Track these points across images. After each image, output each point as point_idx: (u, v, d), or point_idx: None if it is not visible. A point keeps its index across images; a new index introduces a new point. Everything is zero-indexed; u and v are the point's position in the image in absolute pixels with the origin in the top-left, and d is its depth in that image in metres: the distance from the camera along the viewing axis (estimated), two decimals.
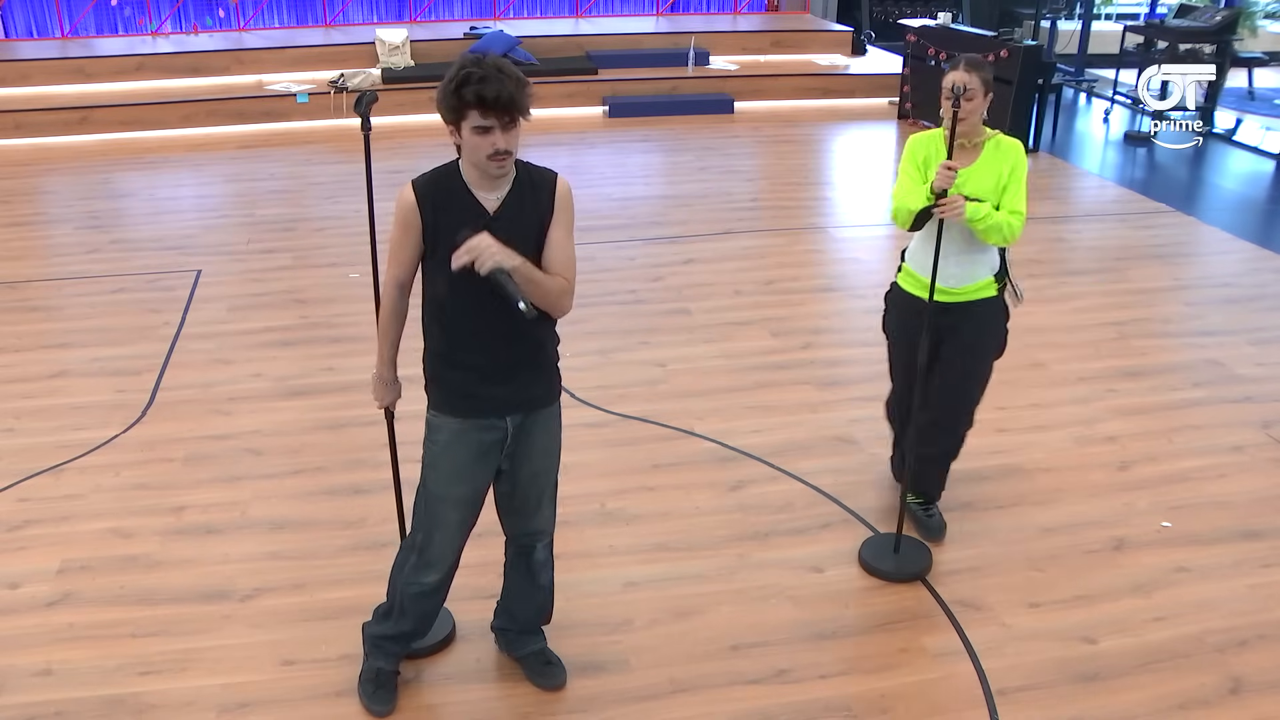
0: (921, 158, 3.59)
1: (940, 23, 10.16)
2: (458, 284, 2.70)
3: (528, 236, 2.78)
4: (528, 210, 2.79)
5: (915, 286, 3.72)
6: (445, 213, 2.73)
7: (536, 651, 3.31)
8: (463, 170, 2.76)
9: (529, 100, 2.66)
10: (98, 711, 3.16)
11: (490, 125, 2.61)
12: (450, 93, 2.61)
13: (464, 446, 2.90)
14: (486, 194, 2.75)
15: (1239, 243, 7.24)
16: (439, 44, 11.03)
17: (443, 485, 2.95)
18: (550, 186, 2.84)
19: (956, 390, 3.78)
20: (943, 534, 3.97)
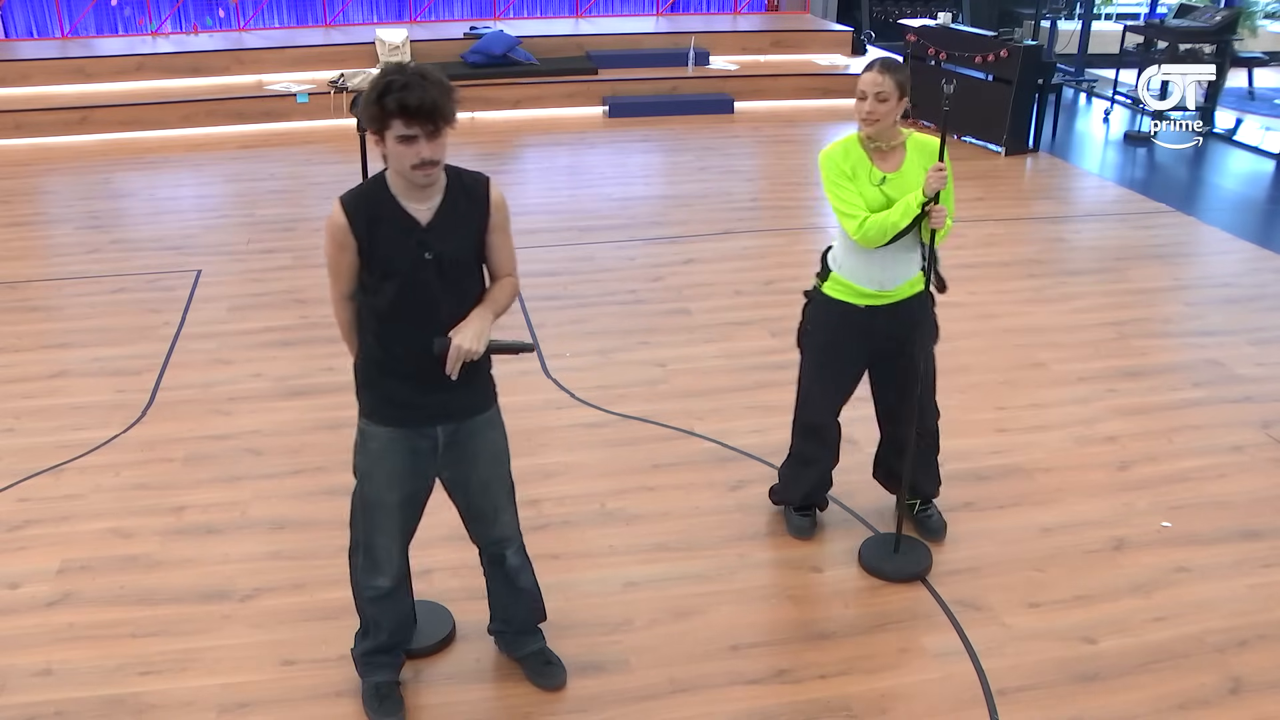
0: (849, 170, 3.46)
1: (940, 23, 10.15)
2: (396, 300, 2.71)
3: (464, 245, 2.77)
4: (462, 220, 2.76)
5: (850, 295, 3.60)
6: (377, 229, 2.68)
7: (536, 651, 3.31)
8: (390, 182, 2.71)
9: (454, 107, 2.61)
10: (98, 711, 3.16)
11: (414, 134, 2.55)
12: (372, 102, 2.54)
13: (396, 454, 2.89)
14: (417, 205, 2.71)
15: (1239, 243, 7.24)
16: (439, 44, 11.02)
17: (379, 491, 2.93)
18: (484, 193, 2.82)
19: (909, 388, 3.75)
20: (944, 533, 3.96)
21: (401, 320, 2.75)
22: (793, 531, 3.98)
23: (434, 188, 2.72)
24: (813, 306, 3.74)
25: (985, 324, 5.81)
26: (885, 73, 3.38)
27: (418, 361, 2.77)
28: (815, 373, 3.78)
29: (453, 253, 2.73)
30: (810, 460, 3.89)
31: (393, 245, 2.68)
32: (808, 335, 3.78)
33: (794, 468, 3.96)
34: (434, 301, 2.73)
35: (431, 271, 2.71)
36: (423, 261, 2.69)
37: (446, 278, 2.73)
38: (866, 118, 3.40)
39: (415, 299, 2.71)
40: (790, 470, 3.98)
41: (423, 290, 2.71)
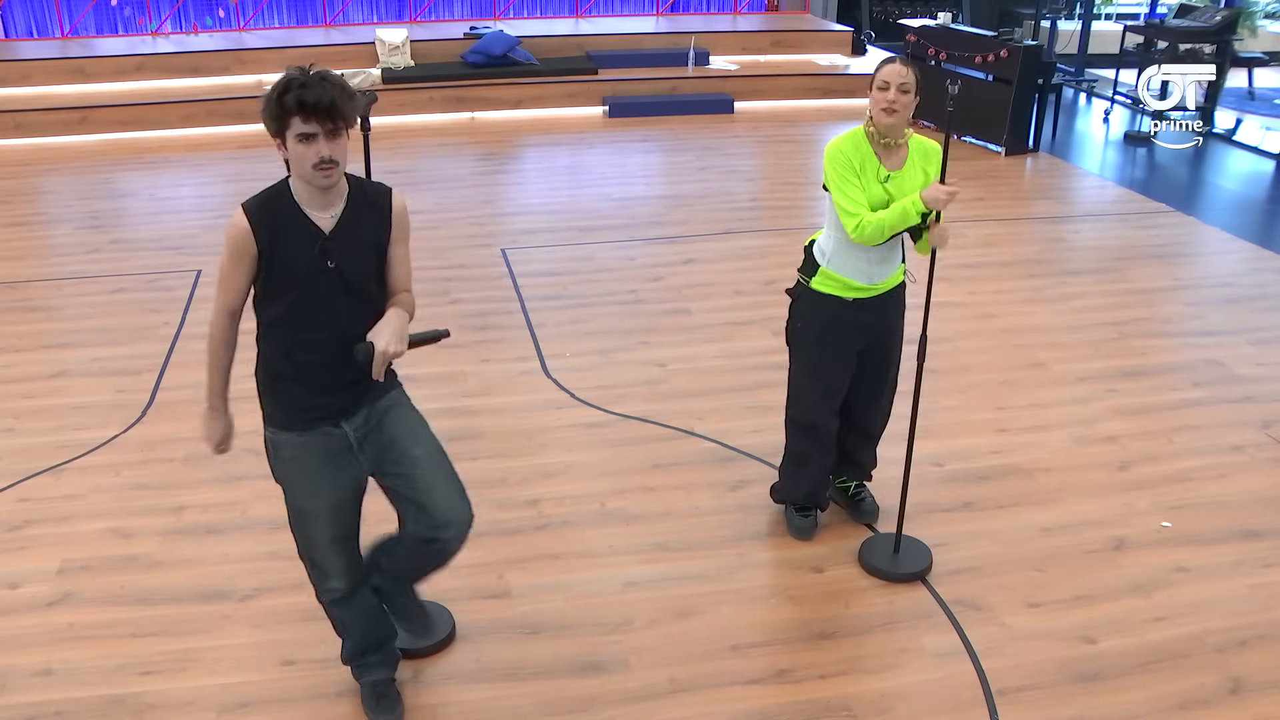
0: (857, 165, 3.47)
1: (940, 23, 10.16)
2: (297, 308, 2.71)
3: (366, 254, 2.77)
4: (364, 228, 2.76)
5: (839, 289, 3.61)
6: (280, 237, 2.67)
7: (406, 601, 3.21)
8: (293, 189, 2.70)
9: (354, 110, 2.62)
10: (98, 711, 3.16)
11: (314, 132, 2.56)
12: (273, 101, 2.56)
13: (312, 458, 2.85)
14: (320, 213, 2.70)
15: (1239, 243, 7.24)
16: (439, 44, 11.03)
17: (304, 500, 2.89)
18: (386, 204, 2.80)
19: (889, 375, 3.83)
20: (877, 515, 4.05)
21: (303, 328, 2.74)
22: (793, 532, 3.98)
23: (336, 196, 2.72)
24: (801, 303, 3.73)
25: (985, 324, 5.81)
26: (909, 65, 3.42)
27: (319, 368, 2.77)
28: (807, 369, 3.77)
29: (355, 261, 2.73)
30: (807, 460, 3.89)
31: (295, 252, 2.67)
32: (797, 332, 3.76)
33: (792, 467, 3.96)
34: (335, 309, 2.72)
35: (334, 279, 2.70)
36: (325, 269, 2.69)
37: (348, 286, 2.73)
38: (889, 108, 3.40)
39: (317, 307, 2.71)
40: (789, 470, 3.98)
41: (324, 298, 2.71)
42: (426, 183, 8.43)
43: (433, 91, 10.41)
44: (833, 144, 3.52)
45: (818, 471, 3.90)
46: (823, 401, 3.78)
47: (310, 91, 2.52)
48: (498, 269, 6.62)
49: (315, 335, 2.74)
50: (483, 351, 5.49)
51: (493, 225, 7.44)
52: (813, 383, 3.77)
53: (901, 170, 3.49)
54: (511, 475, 4.38)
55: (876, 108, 3.44)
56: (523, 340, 5.62)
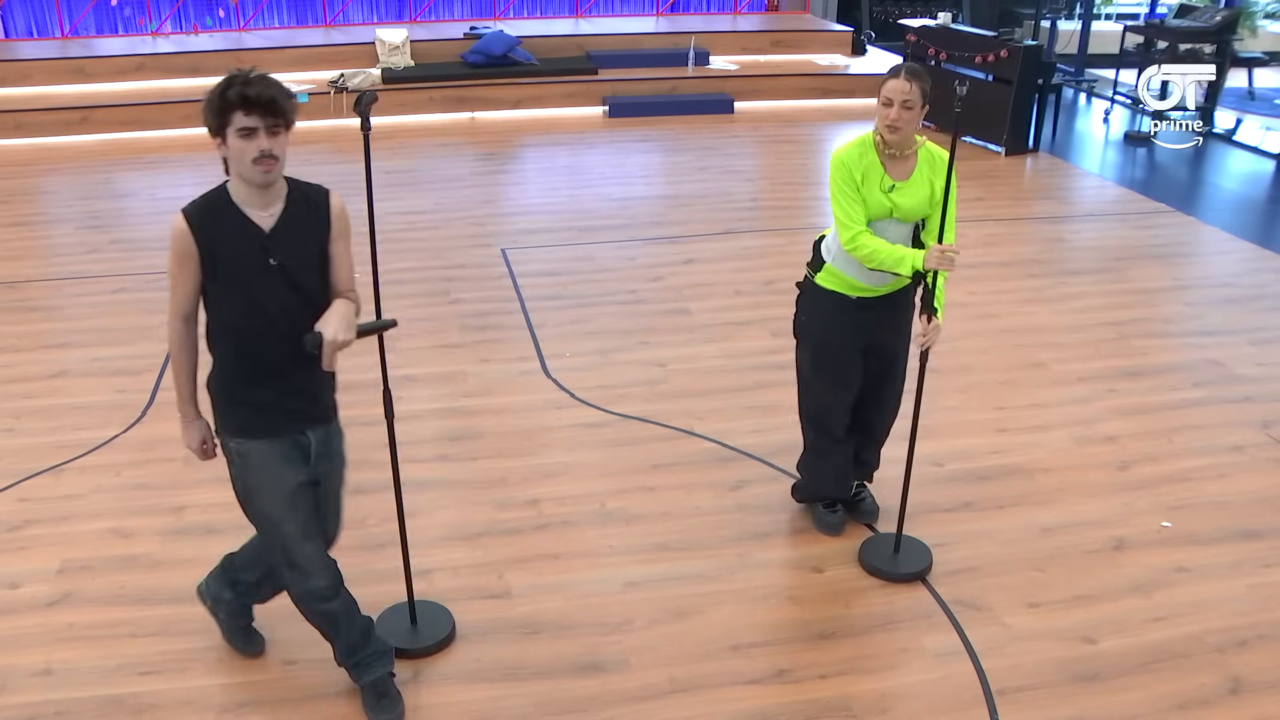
0: (859, 176, 3.44)
1: (940, 23, 10.16)
2: (244, 309, 2.75)
3: (305, 253, 2.81)
4: (303, 228, 2.80)
5: (843, 286, 3.61)
6: (220, 236, 2.72)
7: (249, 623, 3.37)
8: (232, 191, 2.75)
9: (292, 108, 2.70)
10: (98, 711, 3.16)
11: (255, 126, 2.63)
12: (216, 96, 2.64)
13: (277, 463, 2.88)
14: (259, 212, 2.75)
15: (1239, 243, 7.24)
16: (439, 44, 11.03)
17: (275, 506, 2.91)
18: (324, 204, 2.86)
19: (899, 375, 3.82)
20: (877, 515, 4.05)
21: (251, 329, 2.78)
22: (822, 529, 3.99)
23: (275, 195, 2.77)
24: (806, 296, 3.75)
25: (985, 324, 5.81)
26: (912, 80, 3.35)
27: (274, 368, 2.81)
28: (814, 363, 3.78)
29: (296, 259, 2.77)
30: (823, 452, 3.90)
31: (236, 253, 2.72)
32: (803, 325, 3.79)
33: (813, 460, 3.97)
34: (282, 308, 2.76)
35: (277, 278, 2.74)
36: (268, 268, 2.73)
37: (292, 284, 2.76)
38: (891, 125, 3.37)
39: (263, 307, 2.75)
40: (809, 464, 3.99)
41: (269, 297, 2.75)
42: (426, 183, 8.43)
43: (433, 91, 10.41)
44: (837, 152, 3.50)
45: (838, 462, 3.90)
46: (830, 392, 3.79)
47: (252, 87, 2.61)
48: (498, 269, 6.62)
49: (267, 335, 2.77)
50: (483, 351, 5.49)
51: (493, 225, 7.44)
52: (819, 374, 3.79)
53: (908, 181, 3.48)
54: (511, 475, 4.38)
55: (881, 123, 3.42)
56: (523, 340, 5.62)
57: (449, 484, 4.32)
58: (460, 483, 4.33)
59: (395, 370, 3.52)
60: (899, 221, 3.50)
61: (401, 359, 5.23)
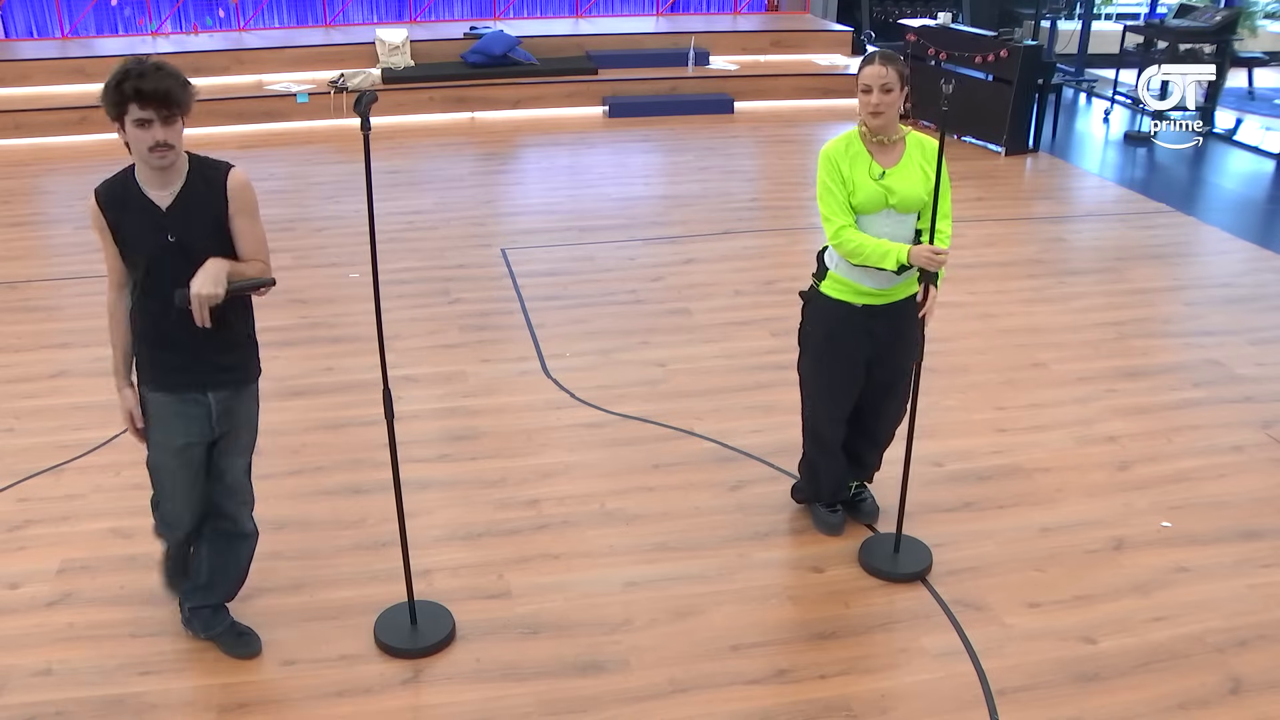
0: (847, 168, 3.46)
1: (940, 23, 10.15)
2: (147, 280, 2.94)
3: (204, 228, 2.95)
4: (199, 204, 2.94)
5: (849, 293, 3.60)
6: (124, 213, 2.91)
7: (229, 626, 3.43)
8: (136, 171, 2.93)
9: (188, 97, 2.82)
10: (98, 711, 3.16)
11: (149, 118, 2.77)
12: (111, 89, 2.78)
13: (173, 417, 3.08)
14: (158, 191, 2.91)
15: (1239, 243, 7.24)
16: (439, 44, 11.02)
17: (160, 454, 3.14)
18: (222, 179, 2.99)
19: (897, 385, 3.79)
20: (877, 516, 4.06)
21: (157, 299, 2.94)
22: (823, 529, 4.00)
23: (174, 174, 2.92)
24: (811, 306, 3.75)
25: (985, 324, 5.81)
26: (887, 64, 3.40)
27: (175, 335, 2.97)
28: (816, 372, 3.78)
29: (193, 236, 2.92)
30: (821, 460, 3.93)
31: (137, 229, 2.91)
32: (807, 335, 3.78)
33: (807, 469, 4.01)
34: (179, 282, 2.87)
35: (175, 254, 2.90)
36: (166, 244, 2.90)
37: (189, 259, 2.88)
38: (874, 110, 3.41)
39: (164, 278, 2.89)
40: (805, 471, 4.03)
41: (169, 270, 2.89)
42: (426, 183, 8.43)
43: (433, 91, 10.41)
44: (825, 147, 3.53)
45: (833, 469, 3.93)
46: (828, 409, 3.79)
47: (146, 81, 2.74)
48: (498, 269, 6.62)
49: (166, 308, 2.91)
50: (483, 351, 5.49)
51: (493, 225, 7.44)
52: (819, 388, 3.79)
53: (897, 166, 3.49)
54: (511, 475, 4.38)
55: (863, 111, 3.45)
56: (523, 340, 5.62)
57: (449, 484, 4.32)
58: (460, 483, 4.33)
59: (395, 370, 3.53)
60: (896, 212, 3.50)
61: (401, 359, 5.23)
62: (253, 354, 3.18)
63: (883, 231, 3.50)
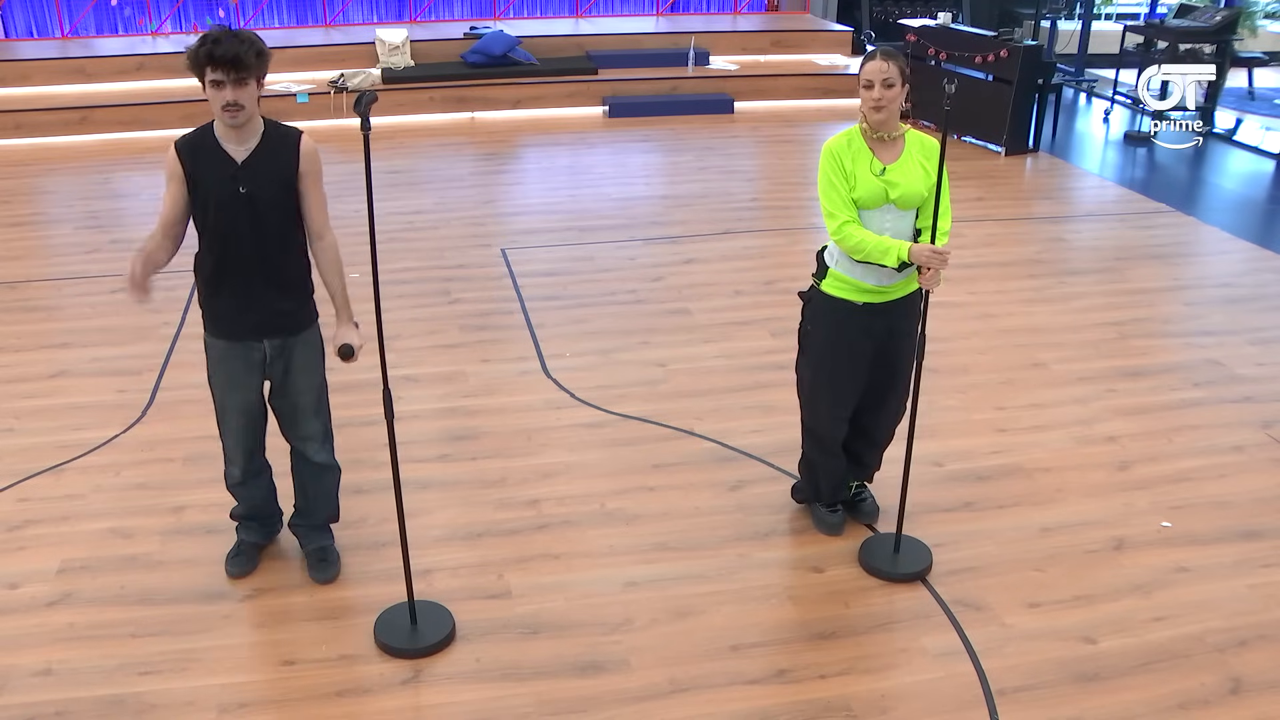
0: (849, 162, 3.47)
1: (940, 23, 10.16)
2: (215, 228, 3.23)
3: (272, 184, 3.23)
4: (271, 162, 3.23)
5: (850, 292, 3.59)
6: (201, 164, 3.21)
7: (318, 548, 3.76)
8: (215, 128, 3.23)
9: (258, 63, 3.10)
10: (98, 711, 3.16)
11: (221, 79, 3.06)
12: (191, 52, 3.08)
13: (232, 361, 3.41)
14: (235, 146, 3.21)
15: (1239, 243, 7.24)
16: (439, 44, 11.02)
17: (221, 394, 3.49)
18: (295, 143, 3.27)
19: (898, 384, 3.78)
20: (877, 516, 4.06)
21: (220, 247, 3.26)
22: (823, 528, 3.99)
23: (249, 133, 3.21)
24: (812, 306, 3.74)
25: (985, 324, 5.81)
26: (889, 59, 3.41)
27: (236, 284, 3.29)
28: (816, 373, 3.77)
29: (263, 190, 3.20)
30: (820, 461, 3.92)
31: (212, 178, 3.19)
32: (808, 335, 3.77)
33: (806, 469, 4.01)
34: (248, 230, 3.22)
35: (243, 205, 3.20)
36: (237, 194, 3.19)
37: (257, 212, 3.21)
38: (876, 105, 3.41)
39: (229, 228, 3.22)
40: (805, 471, 4.03)
41: (237, 220, 3.21)
42: (426, 183, 8.43)
43: (433, 91, 10.40)
44: (828, 143, 3.54)
45: (833, 470, 3.93)
46: (830, 409, 3.79)
47: (220, 46, 3.03)
48: (498, 269, 6.62)
49: (231, 254, 3.25)
50: (483, 351, 5.49)
51: (493, 225, 7.45)
52: (820, 388, 3.78)
53: (898, 162, 3.49)
54: (511, 475, 4.38)
55: (865, 106, 3.46)
56: (523, 340, 5.62)
57: (449, 484, 4.32)
58: (460, 483, 4.33)
59: (395, 370, 3.54)
60: (896, 209, 3.50)
61: (401, 359, 5.23)
62: (306, 301, 3.44)
63: (884, 227, 3.51)
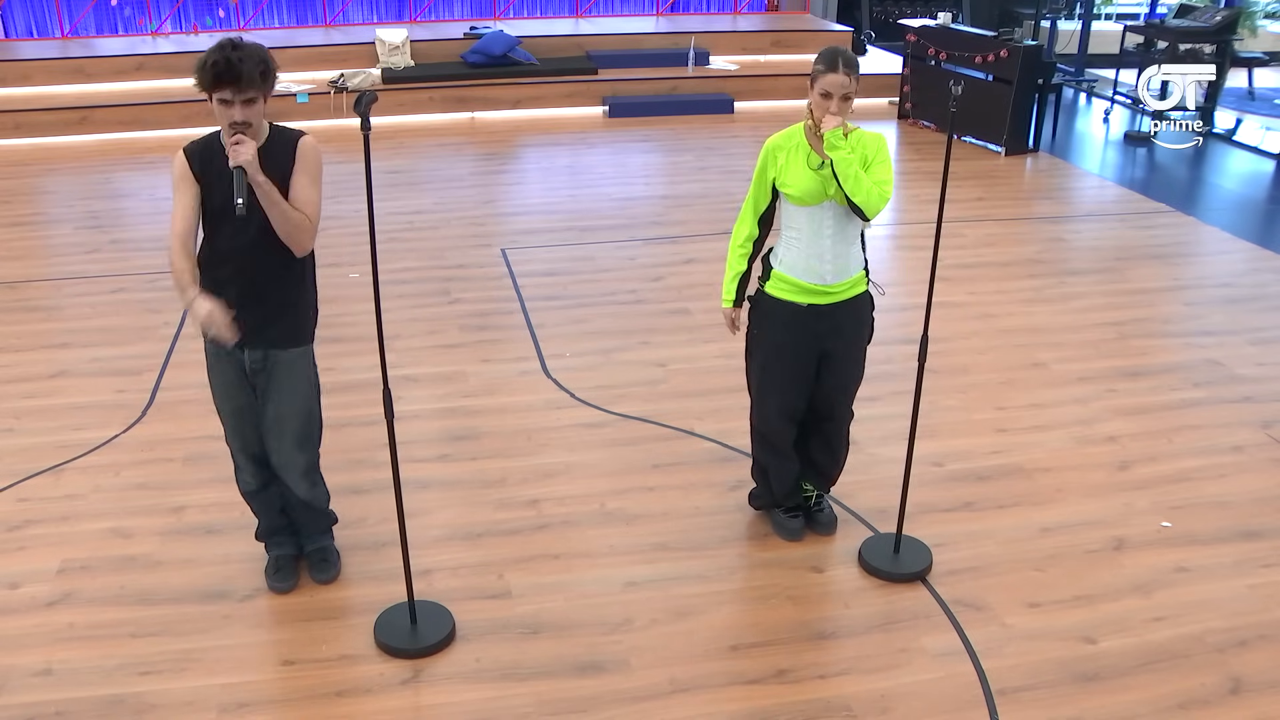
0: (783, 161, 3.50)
1: (940, 23, 10.16)
2: (212, 229, 3.19)
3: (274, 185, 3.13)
4: (273, 170, 3.13)
5: (791, 292, 3.58)
6: (206, 170, 3.15)
7: (319, 549, 3.75)
8: (222, 136, 3.14)
9: (265, 82, 3.03)
10: (98, 711, 3.16)
11: (229, 99, 3.00)
12: (199, 70, 3.00)
13: (220, 367, 3.38)
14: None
15: (1239, 243, 7.24)
16: (439, 44, 11.03)
17: (218, 403, 3.47)
18: (293, 144, 3.21)
19: (848, 387, 3.77)
20: (834, 528, 3.99)
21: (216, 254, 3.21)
22: (783, 534, 3.97)
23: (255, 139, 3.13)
24: (757, 309, 3.71)
25: (985, 324, 5.81)
26: (850, 73, 3.35)
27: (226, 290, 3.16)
28: (763, 375, 3.74)
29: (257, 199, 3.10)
30: (768, 468, 3.91)
31: (216, 186, 3.12)
32: (754, 338, 3.74)
33: (760, 473, 3.98)
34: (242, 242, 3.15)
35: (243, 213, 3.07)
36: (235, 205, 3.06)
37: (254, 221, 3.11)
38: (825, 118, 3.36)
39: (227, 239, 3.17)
40: (759, 475, 4.00)
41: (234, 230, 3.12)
42: (426, 183, 8.43)
43: (433, 91, 10.41)
44: (770, 138, 3.55)
45: (783, 476, 3.90)
46: (777, 410, 3.76)
47: (229, 68, 2.95)
48: (498, 269, 6.62)
49: (227, 264, 3.19)
50: (483, 351, 5.49)
51: (493, 225, 7.45)
52: (767, 390, 3.76)
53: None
54: (511, 475, 4.38)
55: (817, 113, 3.40)
56: (523, 340, 5.62)
57: (449, 484, 4.32)
58: (460, 483, 4.33)
59: (395, 370, 3.53)
60: (837, 204, 3.48)
61: (401, 359, 5.23)
62: (291, 321, 3.34)
63: (827, 226, 3.49)
